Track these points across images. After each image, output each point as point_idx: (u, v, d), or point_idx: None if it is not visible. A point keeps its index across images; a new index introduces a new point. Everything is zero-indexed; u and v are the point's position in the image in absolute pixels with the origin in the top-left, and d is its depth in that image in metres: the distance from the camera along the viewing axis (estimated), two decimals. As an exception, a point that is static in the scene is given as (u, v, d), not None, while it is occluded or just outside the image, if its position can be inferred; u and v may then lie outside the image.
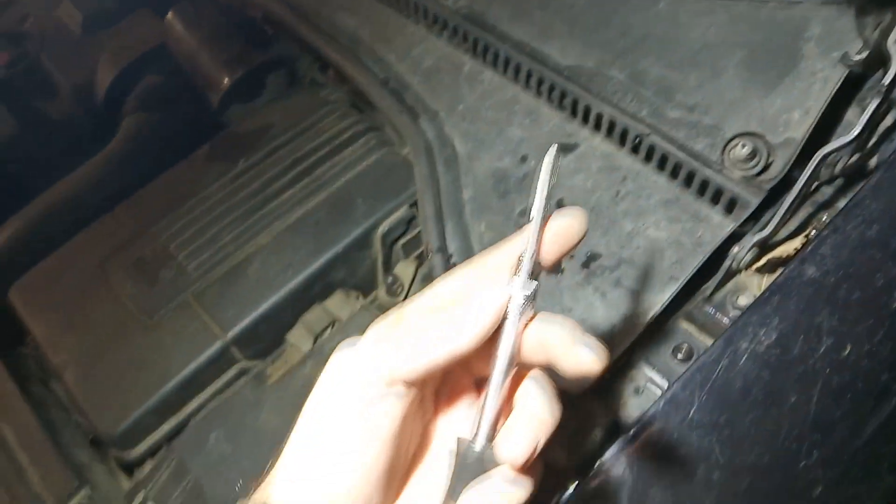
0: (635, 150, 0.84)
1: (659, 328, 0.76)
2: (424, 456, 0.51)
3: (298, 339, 0.92)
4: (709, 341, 0.72)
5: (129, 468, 0.92)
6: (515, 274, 0.46)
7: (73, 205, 1.12)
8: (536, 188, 0.47)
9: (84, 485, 0.86)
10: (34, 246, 1.06)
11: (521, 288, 0.46)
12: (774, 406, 0.61)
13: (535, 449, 0.42)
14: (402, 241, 1.00)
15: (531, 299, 0.46)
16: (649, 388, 0.74)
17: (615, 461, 0.61)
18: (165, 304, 0.94)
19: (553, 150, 0.47)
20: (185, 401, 0.91)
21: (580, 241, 0.47)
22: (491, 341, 0.46)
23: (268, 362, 0.93)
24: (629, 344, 0.74)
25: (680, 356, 0.74)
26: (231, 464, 0.82)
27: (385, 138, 1.09)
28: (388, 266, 1.00)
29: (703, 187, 0.79)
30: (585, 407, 0.71)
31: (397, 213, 0.98)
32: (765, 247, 0.74)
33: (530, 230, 0.46)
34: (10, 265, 1.06)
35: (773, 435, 0.61)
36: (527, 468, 0.44)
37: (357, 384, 0.45)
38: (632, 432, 0.61)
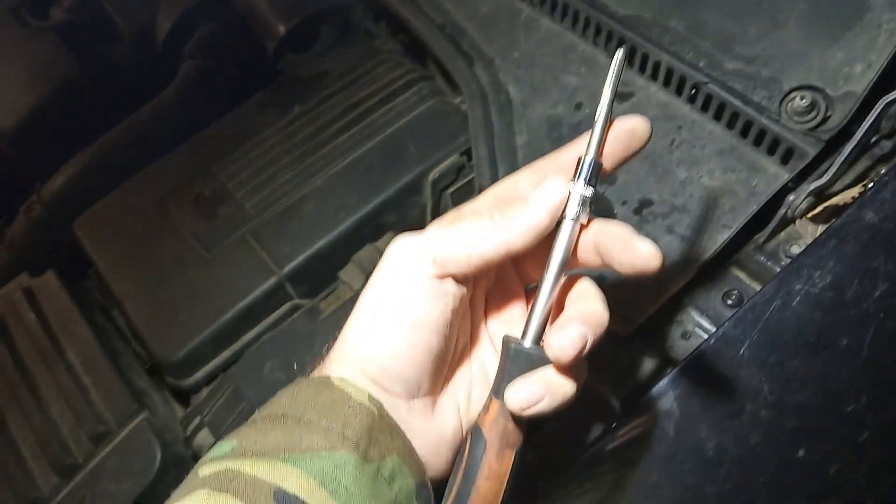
0: (692, 99, 0.84)
1: (710, 274, 0.77)
2: (472, 353, 0.53)
3: (350, 276, 0.94)
4: (760, 288, 0.72)
5: (185, 395, 0.96)
6: (575, 177, 0.46)
7: (134, 145, 1.16)
8: (603, 92, 0.46)
9: (143, 408, 0.90)
10: (98, 182, 1.10)
11: (579, 188, 0.46)
12: (826, 348, 0.61)
13: (583, 345, 0.43)
14: (452, 188, 1.01)
15: (589, 202, 0.46)
16: (697, 332, 0.75)
17: (663, 394, 0.62)
18: (223, 240, 0.97)
19: (621, 53, 0.46)
20: (241, 332, 0.94)
21: (643, 146, 0.48)
22: (545, 246, 0.47)
23: (320, 299, 0.96)
24: (679, 288, 0.75)
25: (730, 302, 0.74)
26: (284, 392, 0.86)
27: (437, 87, 1.10)
28: (437, 212, 1.01)
29: (759, 137, 0.79)
30: (633, 348, 0.72)
31: (448, 160, 1.00)
32: (821, 196, 0.74)
33: (594, 133, 0.46)
34: (75, 200, 1.10)
35: (823, 377, 0.61)
36: (573, 371, 0.45)
37: (413, 273, 0.46)
38: (681, 367, 0.62)
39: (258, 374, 0.88)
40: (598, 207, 0.58)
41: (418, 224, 1.02)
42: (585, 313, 0.45)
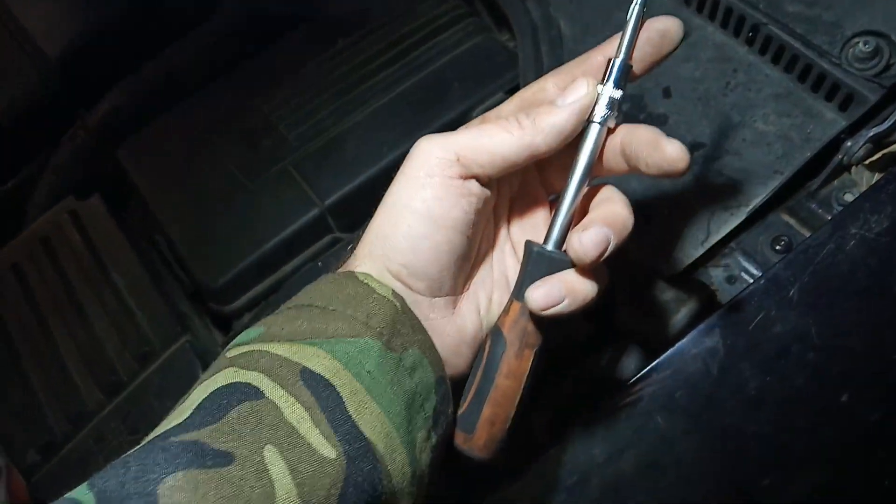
0: (749, 41, 0.82)
1: (759, 219, 0.76)
2: (494, 258, 0.54)
3: (391, 212, 0.94)
4: (810, 235, 0.71)
5: (227, 321, 0.98)
6: (604, 79, 0.46)
7: (178, 74, 1.16)
8: None
9: (185, 331, 0.92)
10: (142, 110, 1.11)
11: (608, 90, 0.45)
12: (879, 295, 0.60)
13: (606, 247, 0.44)
14: (496, 128, 1.00)
15: (617, 105, 0.46)
16: (743, 277, 0.74)
17: (709, 332, 0.62)
18: (266, 170, 0.97)
19: None
20: (282, 262, 0.95)
21: (675, 48, 0.48)
22: (570, 152, 0.47)
23: (359, 232, 0.96)
24: (727, 232, 0.74)
25: (779, 248, 0.73)
26: (324, 321, 0.87)
27: (483, 24, 1.08)
28: (480, 152, 1.01)
29: (818, 83, 0.77)
30: (679, 290, 0.72)
31: (493, 98, 0.98)
32: (880, 143, 0.72)
33: (625, 34, 0.46)
34: (119, 128, 1.11)
35: (874, 324, 0.61)
36: (594, 274, 0.46)
37: (437, 172, 0.47)
38: (728, 305, 0.62)
39: (299, 302, 0.89)
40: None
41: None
42: (609, 217, 0.45)
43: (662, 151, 0.44)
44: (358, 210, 0.96)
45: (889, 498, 0.61)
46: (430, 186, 0.47)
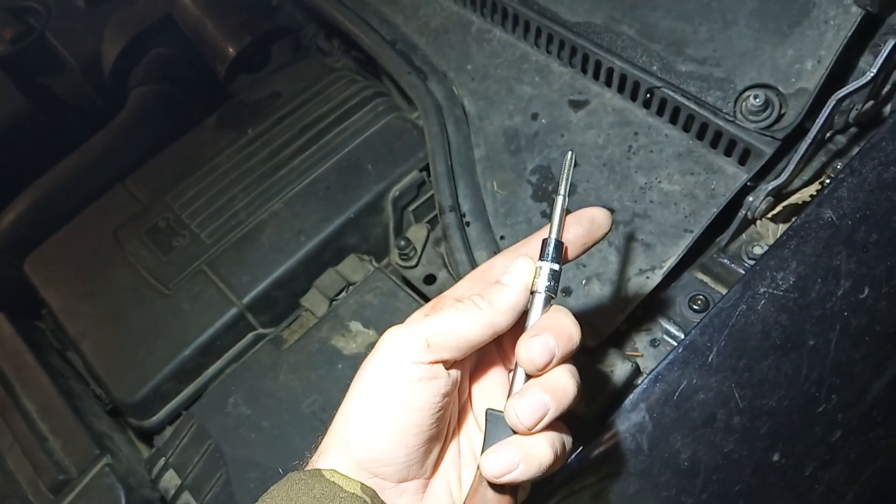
0: (647, 104, 0.84)
1: (674, 280, 0.76)
2: (461, 435, 0.54)
3: (313, 303, 0.92)
4: (724, 292, 0.72)
5: (149, 436, 0.93)
6: (541, 257, 0.49)
7: (85, 177, 1.12)
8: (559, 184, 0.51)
9: (105, 453, 0.87)
10: (47, 219, 1.07)
11: (546, 264, 0.49)
12: (793, 350, 0.61)
13: (543, 413, 0.45)
14: (413, 206, 1.00)
15: (556, 276, 0.49)
16: (666, 339, 0.74)
17: (635, 407, 0.61)
18: (180, 273, 0.94)
19: (570, 155, 0.51)
20: (203, 367, 0.91)
21: (605, 234, 0.52)
22: (521, 321, 0.49)
23: (283, 328, 0.93)
24: (644, 297, 0.74)
25: (696, 307, 0.74)
26: (250, 426, 0.83)
27: (393, 103, 1.08)
28: (400, 231, 1.00)
29: (716, 139, 0.79)
30: (603, 359, 0.71)
31: (407, 177, 0.98)
32: (780, 195, 0.74)
33: (553, 218, 0.50)
34: (24, 238, 1.06)
35: (793, 379, 0.61)
36: (549, 439, 0.46)
37: (405, 360, 0.47)
38: (649, 378, 0.61)
39: (222, 409, 0.85)
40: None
41: (381, 244, 1.01)
42: (546, 381, 0.46)
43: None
44: (279, 304, 0.94)
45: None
46: (399, 375, 0.47)
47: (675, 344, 0.70)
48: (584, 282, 0.76)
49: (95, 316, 0.95)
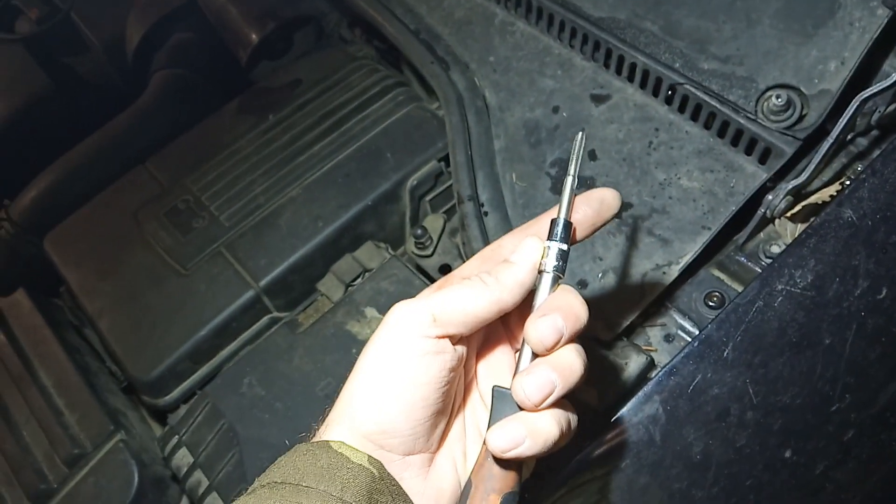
0: (668, 100, 0.84)
1: (690, 276, 0.76)
2: (466, 411, 0.54)
3: (329, 288, 0.93)
4: (741, 289, 0.72)
5: (162, 414, 0.94)
6: (549, 237, 0.50)
7: (106, 157, 1.13)
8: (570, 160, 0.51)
9: (119, 429, 0.88)
10: (68, 198, 1.08)
11: (554, 244, 0.49)
12: (809, 348, 0.61)
13: (550, 390, 0.45)
14: (431, 195, 1.00)
15: (563, 256, 0.49)
16: (680, 335, 0.74)
17: (648, 399, 0.61)
18: (198, 254, 0.95)
19: (581, 135, 0.52)
20: (218, 348, 0.92)
21: (613, 215, 0.53)
22: (528, 300, 0.50)
23: (298, 312, 0.94)
24: (660, 292, 0.74)
25: (711, 304, 0.74)
26: (264, 407, 0.84)
27: (413, 93, 1.09)
28: (416, 220, 1.00)
29: (736, 137, 0.79)
30: (617, 351, 0.71)
31: (426, 167, 0.98)
32: (799, 195, 0.74)
33: (563, 197, 0.51)
34: (45, 216, 1.08)
35: (807, 377, 0.61)
36: (554, 415, 0.46)
37: (413, 334, 0.48)
38: (665, 371, 0.61)
39: (236, 389, 0.86)
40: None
41: (398, 233, 1.01)
42: (553, 359, 0.46)
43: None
44: (295, 288, 0.94)
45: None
46: (406, 349, 0.48)
47: (690, 340, 0.71)
48: (600, 275, 0.76)
49: (113, 294, 0.96)
